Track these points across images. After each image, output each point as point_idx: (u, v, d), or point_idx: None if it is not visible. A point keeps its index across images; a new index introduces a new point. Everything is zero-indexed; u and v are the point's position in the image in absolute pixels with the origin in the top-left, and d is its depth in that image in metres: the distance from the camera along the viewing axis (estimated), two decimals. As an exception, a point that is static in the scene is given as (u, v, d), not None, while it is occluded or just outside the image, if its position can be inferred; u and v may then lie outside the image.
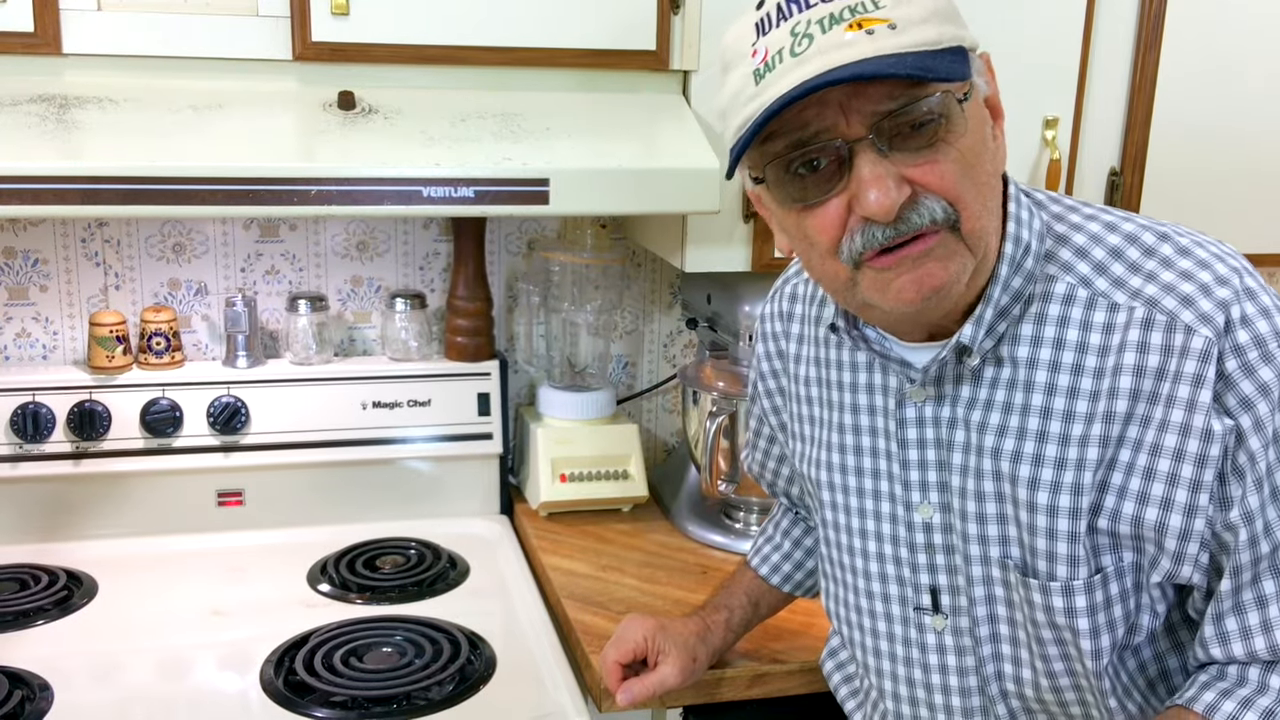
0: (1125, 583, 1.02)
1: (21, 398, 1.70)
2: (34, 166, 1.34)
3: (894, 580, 1.15)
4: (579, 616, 1.54)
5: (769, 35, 0.91)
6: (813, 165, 0.93)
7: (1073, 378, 1.00)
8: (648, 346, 2.10)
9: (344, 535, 1.79)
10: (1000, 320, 1.02)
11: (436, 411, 1.85)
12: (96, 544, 1.73)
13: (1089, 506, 1.00)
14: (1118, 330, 0.98)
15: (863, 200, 0.91)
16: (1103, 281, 1.00)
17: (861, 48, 0.87)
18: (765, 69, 0.91)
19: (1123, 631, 1.04)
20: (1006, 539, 1.06)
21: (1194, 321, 0.95)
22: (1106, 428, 0.99)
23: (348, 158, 1.44)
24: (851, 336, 1.10)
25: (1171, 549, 0.98)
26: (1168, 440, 0.96)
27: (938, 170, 0.92)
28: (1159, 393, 0.96)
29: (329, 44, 1.51)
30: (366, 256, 1.93)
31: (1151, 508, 0.98)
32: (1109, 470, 0.99)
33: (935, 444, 1.09)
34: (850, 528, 1.17)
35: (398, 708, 1.33)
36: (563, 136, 1.54)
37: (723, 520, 1.84)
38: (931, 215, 0.92)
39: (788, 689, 1.43)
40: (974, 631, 1.10)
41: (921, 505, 1.11)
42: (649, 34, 1.61)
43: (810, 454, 1.22)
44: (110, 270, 1.84)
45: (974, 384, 1.05)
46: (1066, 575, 1.02)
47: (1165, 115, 1.76)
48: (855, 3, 0.89)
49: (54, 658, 1.42)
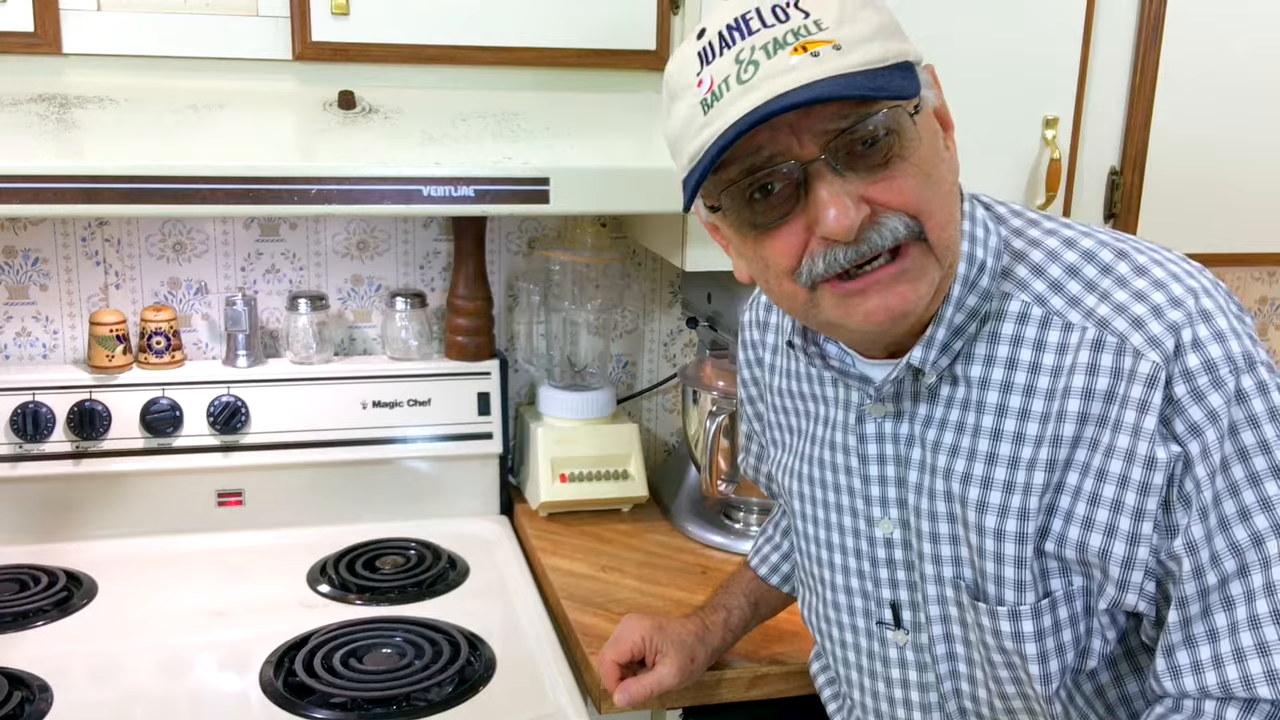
0: (1075, 607, 1.00)
1: (21, 397, 1.70)
2: (34, 166, 1.34)
3: (858, 593, 1.15)
4: (579, 617, 1.54)
5: (713, 64, 0.90)
6: (768, 189, 0.92)
7: (1024, 399, 0.99)
8: (648, 346, 2.10)
9: (344, 535, 1.79)
10: (956, 338, 1.00)
11: (436, 411, 1.85)
12: (96, 544, 1.73)
13: (1036, 530, 0.98)
14: (1070, 351, 0.97)
15: (822, 221, 0.90)
16: (1058, 300, 0.98)
17: (808, 71, 0.86)
18: (713, 98, 0.89)
19: (1073, 656, 1.02)
20: (959, 560, 1.05)
21: (1143, 345, 0.93)
22: (1054, 451, 0.97)
23: (348, 157, 1.44)
24: (808, 354, 1.09)
25: (1116, 576, 0.96)
26: (1113, 466, 0.94)
27: (896, 186, 0.91)
28: (1107, 416, 0.94)
29: (329, 44, 1.51)
30: (367, 256, 1.93)
31: (1096, 534, 0.96)
32: (1056, 494, 0.98)
33: (895, 460, 1.08)
34: (818, 539, 1.18)
35: (397, 709, 1.33)
36: (563, 136, 1.54)
37: (723, 520, 1.84)
38: (894, 234, 0.91)
39: (787, 690, 1.43)
40: (932, 649, 1.10)
41: (882, 521, 1.10)
42: (649, 34, 1.61)
43: (785, 462, 1.22)
44: (110, 269, 1.84)
45: (930, 402, 1.04)
46: (1014, 600, 1.00)
47: (1165, 115, 1.75)
48: (798, 26, 0.88)
49: (54, 658, 1.42)
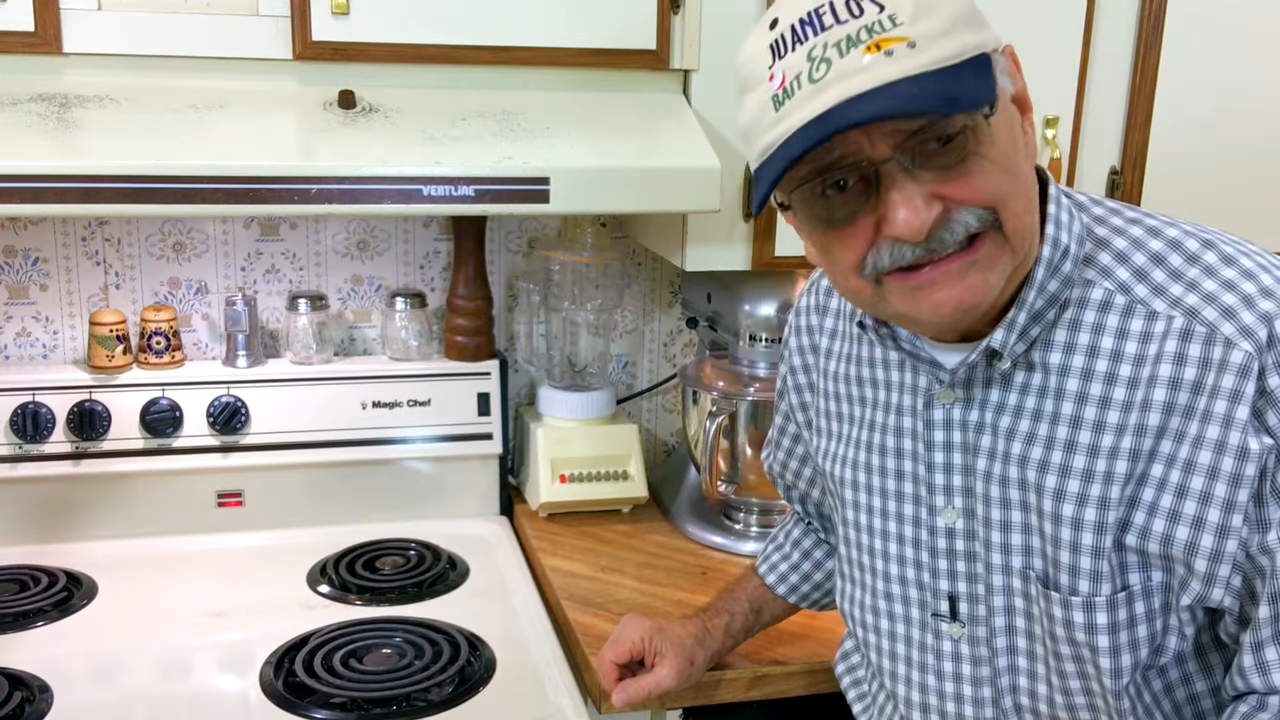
0: (1153, 603, 0.99)
1: (21, 397, 1.70)
2: (34, 165, 1.34)
3: (913, 584, 1.13)
4: (578, 618, 1.54)
5: (785, 59, 0.89)
6: (839, 186, 0.91)
7: (1105, 387, 0.98)
8: (648, 346, 2.10)
9: (344, 536, 1.79)
10: (1034, 324, 0.99)
11: (436, 411, 1.84)
12: (96, 544, 1.73)
13: (1116, 522, 0.97)
14: (1155, 340, 0.95)
15: (892, 221, 0.89)
16: (1142, 288, 0.97)
17: (882, 71, 0.85)
18: (784, 95, 0.89)
19: (1146, 652, 1.00)
20: (1029, 549, 1.03)
21: (1234, 334, 0.92)
22: (1138, 441, 0.96)
23: (348, 157, 1.44)
24: (879, 334, 1.08)
25: (1202, 570, 0.94)
26: (1202, 457, 0.93)
27: (971, 183, 0.90)
28: (1195, 407, 0.93)
29: (329, 43, 1.51)
30: (367, 255, 1.93)
31: (1182, 526, 0.94)
32: (1139, 485, 0.96)
33: (962, 448, 1.06)
34: (872, 528, 1.15)
35: (397, 709, 1.33)
36: (563, 135, 1.53)
37: (722, 521, 1.84)
38: (966, 227, 0.91)
39: (788, 690, 1.43)
40: (991, 642, 1.08)
41: (945, 510, 1.08)
42: (649, 33, 1.61)
43: (835, 450, 1.20)
44: (110, 269, 1.83)
45: (1004, 388, 1.03)
46: (1088, 590, 0.99)
47: (1165, 115, 1.75)
48: (872, 22, 0.86)
49: (54, 659, 1.42)
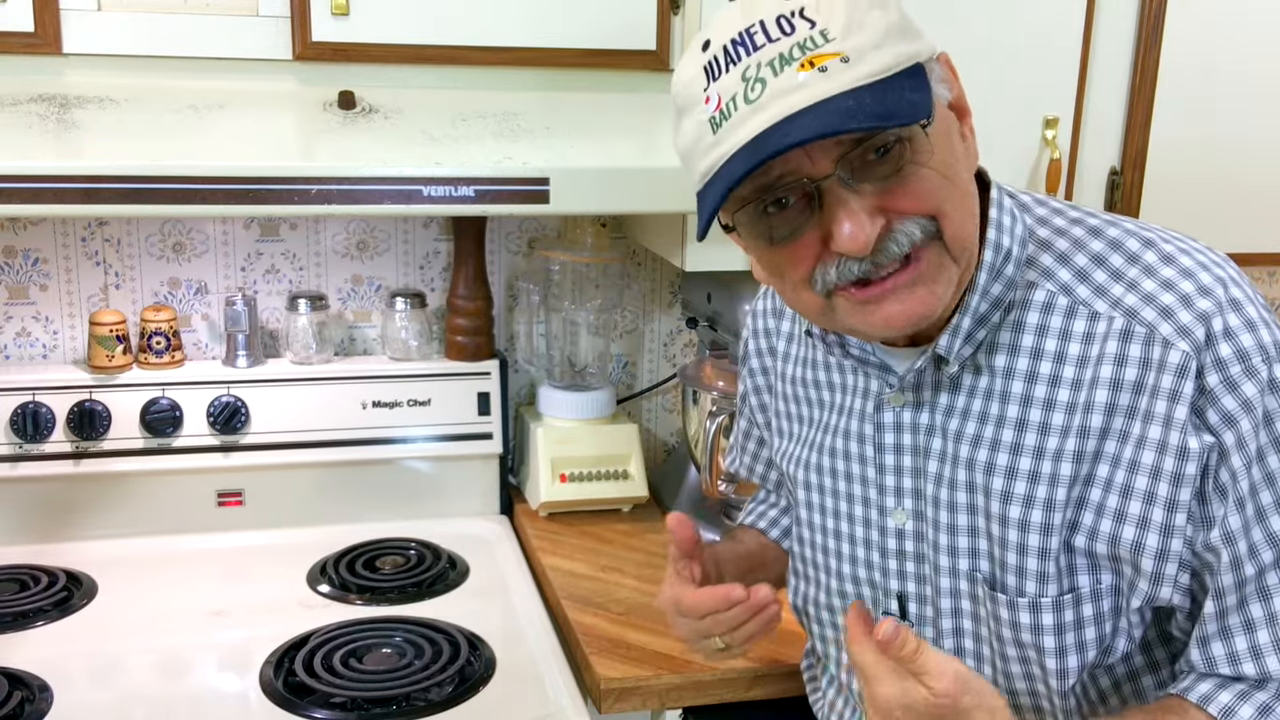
0: (1102, 606, 0.99)
1: (21, 397, 1.70)
2: (34, 166, 1.34)
3: (865, 583, 1.14)
4: (579, 617, 1.54)
5: (720, 81, 0.89)
6: (782, 204, 0.91)
7: (1050, 389, 0.98)
8: (648, 346, 2.10)
9: (344, 535, 1.79)
10: (980, 328, 1.00)
11: (436, 411, 1.84)
12: (96, 544, 1.73)
13: (1063, 523, 0.98)
14: (1097, 341, 0.96)
15: (837, 237, 0.89)
16: (1084, 289, 0.98)
17: (816, 88, 0.85)
18: (721, 117, 0.89)
19: (1094, 654, 1.01)
20: (976, 551, 1.04)
21: (1172, 334, 0.92)
22: (1082, 442, 0.97)
23: (348, 157, 1.44)
24: (827, 342, 1.09)
25: (1149, 570, 0.95)
26: (1144, 457, 0.94)
27: (911, 191, 0.90)
28: (1136, 407, 0.94)
29: (329, 44, 1.51)
30: (366, 256, 1.93)
31: (1128, 526, 0.95)
32: (1086, 486, 0.97)
33: (911, 450, 1.07)
34: (824, 528, 1.17)
35: (397, 709, 1.33)
36: (563, 136, 1.53)
37: (723, 520, 1.84)
38: (910, 238, 0.91)
39: (787, 690, 1.43)
40: (938, 642, 1.09)
41: (895, 511, 1.10)
42: (649, 34, 1.61)
43: (791, 451, 1.22)
44: (110, 269, 1.84)
45: (952, 392, 1.04)
46: (1035, 591, 1.00)
47: (1165, 115, 1.75)
48: (804, 39, 0.86)
49: (54, 659, 1.42)
